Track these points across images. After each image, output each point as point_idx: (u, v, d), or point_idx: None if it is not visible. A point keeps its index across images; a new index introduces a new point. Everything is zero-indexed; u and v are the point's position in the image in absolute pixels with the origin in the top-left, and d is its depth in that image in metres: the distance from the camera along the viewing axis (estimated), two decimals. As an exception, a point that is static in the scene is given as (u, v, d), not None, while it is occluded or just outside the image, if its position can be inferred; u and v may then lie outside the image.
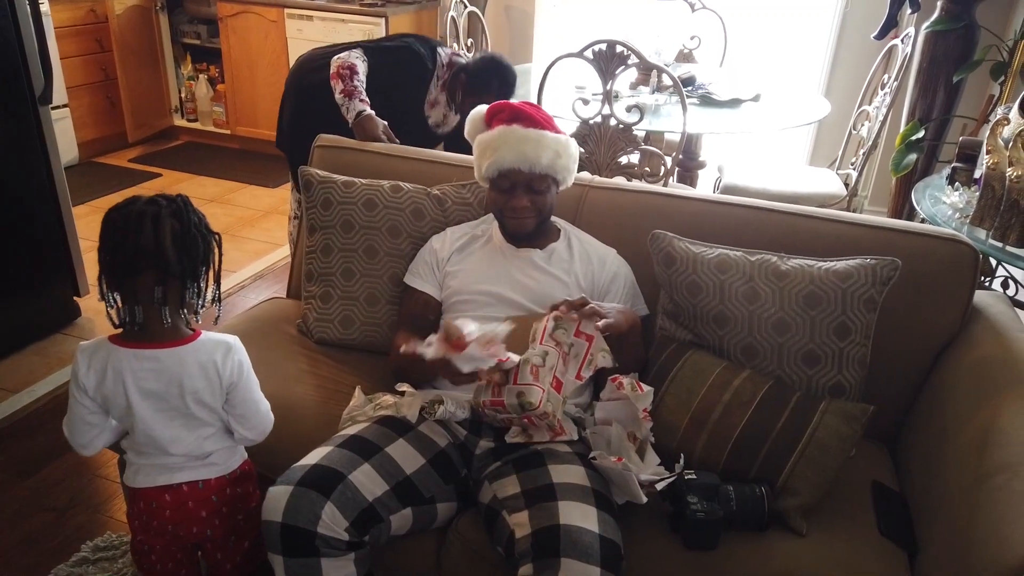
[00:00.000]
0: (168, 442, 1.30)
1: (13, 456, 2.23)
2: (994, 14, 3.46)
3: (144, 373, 1.26)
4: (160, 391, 1.27)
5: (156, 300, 1.23)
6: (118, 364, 1.26)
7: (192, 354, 1.28)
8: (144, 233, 1.21)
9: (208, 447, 1.34)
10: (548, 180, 1.63)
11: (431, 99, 2.50)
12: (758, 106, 3.04)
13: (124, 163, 4.61)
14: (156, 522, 1.34)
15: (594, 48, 2.45)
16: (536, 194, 1.63)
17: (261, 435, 1.39)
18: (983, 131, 2.09)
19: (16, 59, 2.53)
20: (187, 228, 1.24)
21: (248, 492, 1.43)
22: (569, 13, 4.56)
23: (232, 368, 1.30)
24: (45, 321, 2.84)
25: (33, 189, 2.68)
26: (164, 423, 1.29)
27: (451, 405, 1.48)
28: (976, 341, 1.56)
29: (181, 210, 1.25)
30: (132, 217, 1.21)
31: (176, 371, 1.27)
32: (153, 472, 1.32)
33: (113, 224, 1.22)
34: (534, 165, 1.59)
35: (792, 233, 1.70)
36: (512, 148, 1.59)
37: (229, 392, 1.32)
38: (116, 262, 1.22)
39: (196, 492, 1.34)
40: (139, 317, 1.24)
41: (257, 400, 1.37)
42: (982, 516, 1.20)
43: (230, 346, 1.31)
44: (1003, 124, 2.07)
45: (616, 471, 1.36)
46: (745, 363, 1.55)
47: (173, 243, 1.22)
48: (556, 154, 1.61)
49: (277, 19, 4.40)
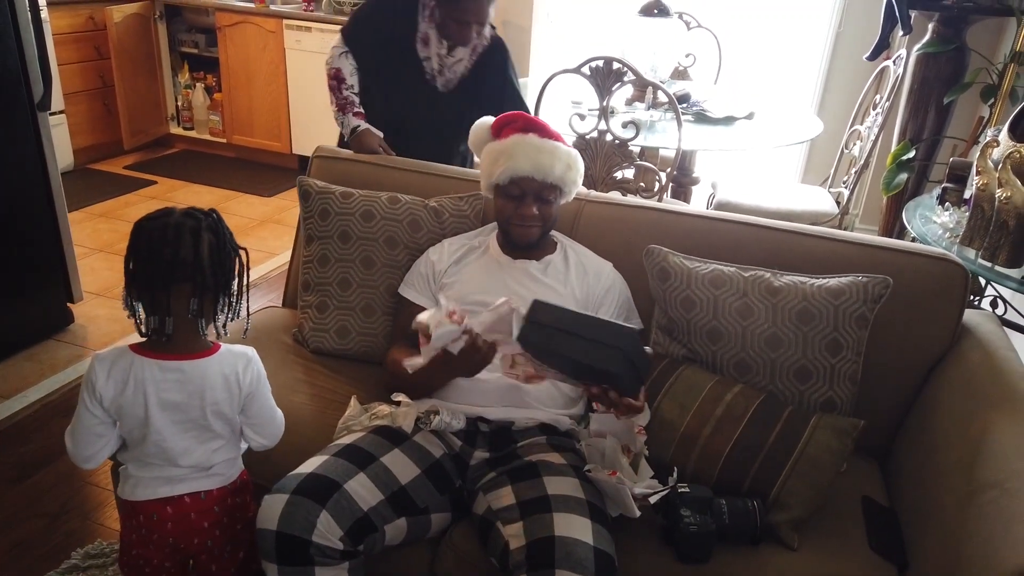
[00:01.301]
0: (179, 454, 1.30)
1: (4, 462, 2.22)
2: (985, 37, 3.52)
3: (168, 384, 1.26)
4: (181, 402, 1.27)
5: (192, 312, 1.24)
6: (141, 374, 1.25)
7: (215, 366, 1.29)
8: (184, 245, 1.21)
9: (215, 459, 1.34)
10: (556, 191, 1.66)
11: (422, 35, 2.26)
12: (752, 124, 3.07)
13: (119, 170, 4.61)
14: (156, 535, 1.33)
15: (591, 64, 2.48)
16: (544, 204, 1.65)
17: (275, 441, 1.41)
18: (973, 152, 2.13)
19: (16, 65, 2.54)
20: (222, 243, 1.26)
21: (246, 502, 1.43)
22: (566, 29, 4.60)
23: (252, 379, 1.32)
24: (38, 326, 2.83)
25: (29, 194, 2.68)
26: (178, 435, 1.29)
27: (446, 416, 1.49)
28: (966, 359, 1.59)
29: (217, 225, 1.26)
30: (170, 228, 1.21)
31: (199, 382, 1.27)
32: (155, 484, 1.31)
33: (150, 234, 1.22)
34: (547, 175, 1.62)
35: (785, 250, 1.72)
36: (528, 157, 1.61)
37: (246, 402, 1.33)
38: (152, 273, 1.21)
39: (198, 503, 1.34)
40: (169, 328, 1.24)
41: (272, 407, 1.38)
42: (971, 532, 1.22)
43: (249, 358, 1.33)
44: (993, 146, 2.10)
45: (610, 484, 1.37)
46: (738, 378, 1.57)
47: (210, 257, 1.23)
48: (567, 166, 1.65)
49: (275, 30, 4.42)
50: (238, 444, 1.40)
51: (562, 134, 1.71)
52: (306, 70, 4.45)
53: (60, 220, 2.80)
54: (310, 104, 4.52)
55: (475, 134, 1.76)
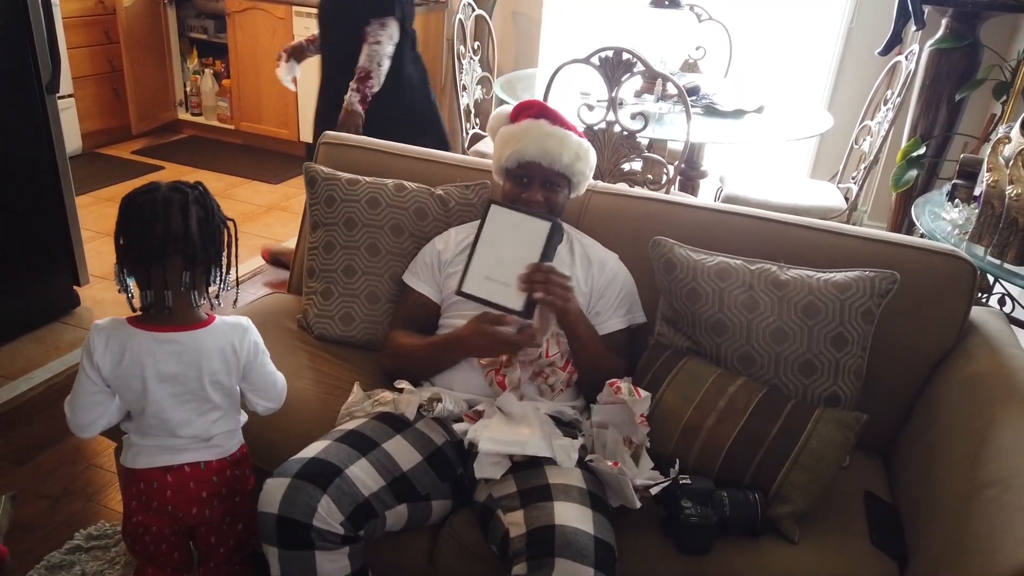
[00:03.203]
0: (178, 425, 1.32)
1: (9, 443, 2.23)
2: (998, 34, 3.49)
3: (164, 356, 1.28)
4: (178, 374, 1.29)
5: (184, 285, 1.25)
6: (137, 346, 1.27)
7: (211, 337, 1.30)
8: (173, 220, 1.22)
9: (214, 430, 1.36)
10: (564, 180, 1.65)
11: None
12: (761, 118, 3.05)
13: (127, 155, 4.62)
14: (156, 503, 1.35)
15: (600, 55, 2.47)
16: (550, 191, 1.65)
17: (279, 403, 1.44)
18: (984, 150, 2.11)
19: (25, 48, 2.54)
20: (211, 216, 1.27)
21: (245, 475, 1.45)
22: (575, 20, 4.58)
23: (249, 349, 1.34)
24: (45, 309, 2.84)
25: (37, 177, 2.68)
26: (176, 406, 1.31)
27: (449, 403, 1.49)
28: (972, 356, 1.58)
29: (204, 198, 1.27)
30: (160, 203, 1.22)
31: (195, 353, 1.29)
32: (155, 453, 1.34)
33: (139, 209, 1.23)
34: (554, 161, 1.61)
35: (792, 244, 1.71)
36: (536, 142, 1.61)
37: (246, 371, 1.35)
38: (143, 248, 1.22)
39: (198, 473, 1.36)
40: (169, 301, 1.25)
41: (272, 372, 1.41)
42: (973, 528, 1.21)
43: (245, 328, 1.35)
44: (1004, 143, 2.08)
45: (611, 475, 1.37)
46: (742, 371, 1.56)
47: (199, 230, 1.25)
48: (576, 156, 1.64)
49: (285, 16, 4.41)
50: (237, 416, 1.42)
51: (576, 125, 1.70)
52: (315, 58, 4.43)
53: (67, 203, 2.81)
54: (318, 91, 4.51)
55: (494, 119, 1.76)
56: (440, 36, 4.66)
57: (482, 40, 3.67)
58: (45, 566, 1.82)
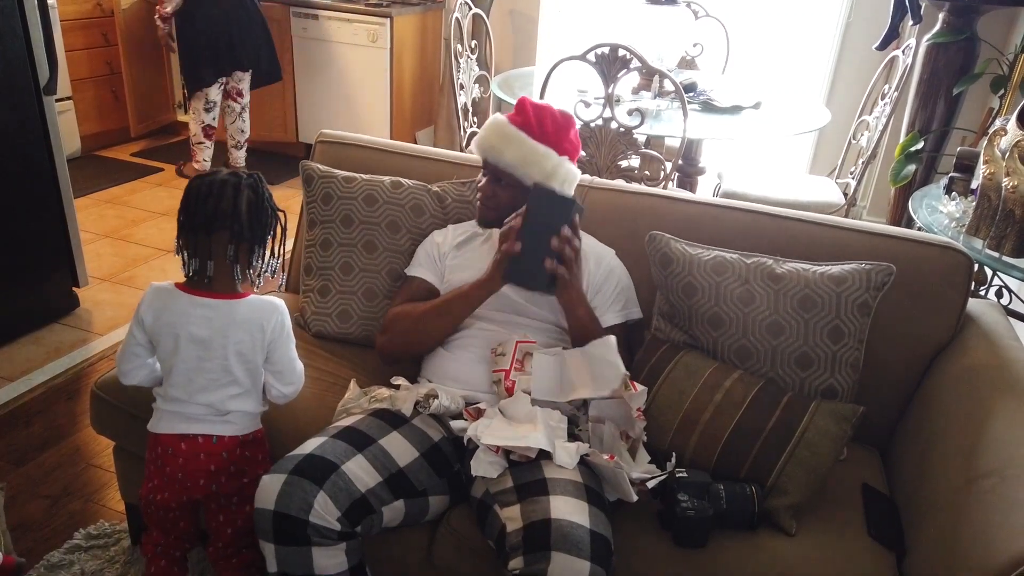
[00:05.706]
0: (197, 389, 1.41)
1: (8, 443, 2.24)
2: (995, 27, 3.48)
3: (197, 319, 1.39)
4: (206, 338, 1.39)
5: (229, 257, 1.38)
6: (175, 306, 1.40)
7: (243, 309, 1.41)
8: (224, 198, 1.37)
9: (231, 406, 1.43)
10: (511, 179, 1.62)
11: None
12: (759, 113, 3.05)
13: (126, 157, 4.62)
14: (168, 468, 1.43)
15: (597, 51, 2.47)
16: (500, 186, 1.65)
17: (295, 392, 1.50)
18: (982, 144, 2.11)
19: (22, 50, 2.54)
20: (260, 200, 1.41)
21: (257, 458, 1.49)
22: (572, 18, 4.58)
23: (275, 327, 1.43)
24: (44, 310, 2.85)
25: (35, 179, 2.68)
26: (200, 372, 1.40)
27: (445, 399, 1.50)
28: (969, 348, 1.58)
29: (257, 184, 1.41)
30: (216, 184, 1.37)
31: (225, 320, 1.39)
32: (175, 420, 1.42)
33: (198, 187, 1.38)
34: (497, 159, 1.62)
35: (788, 237, 1.71)
36: (487, 137, 1.64)
37: (270, 349, 1.43)
38: (195, 220, 1.37)
39: (210, 445, 1.43)
40: (210, 271, 1.38)
41: (293, 358, 1.48)
42: (970, 519, 1.21)
43: (276, 306, 1.44)
44: (1000, 135, 2.08)
45: (608, 468, 1.37)
46: (739, 365, 1.56)
47: (248, 210, 1.38)
48: (523, 159, 1.60)
49: (282, 18, 4.41)
50: (258, 400, 1.47)
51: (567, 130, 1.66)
52: (312, 58, 4.45)
53: (66, 205, 2.81)
54: (316, 92, 4.52)
55: None
56: (437, 35, 4.66)
57: (479, 39, 3.67)
58: (45, 565, 1.82)
